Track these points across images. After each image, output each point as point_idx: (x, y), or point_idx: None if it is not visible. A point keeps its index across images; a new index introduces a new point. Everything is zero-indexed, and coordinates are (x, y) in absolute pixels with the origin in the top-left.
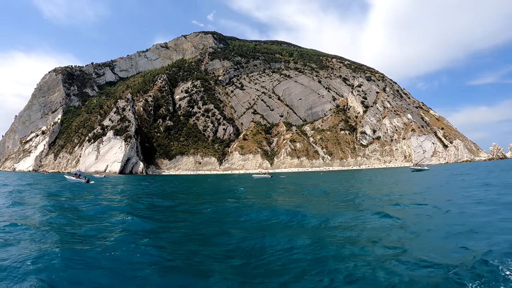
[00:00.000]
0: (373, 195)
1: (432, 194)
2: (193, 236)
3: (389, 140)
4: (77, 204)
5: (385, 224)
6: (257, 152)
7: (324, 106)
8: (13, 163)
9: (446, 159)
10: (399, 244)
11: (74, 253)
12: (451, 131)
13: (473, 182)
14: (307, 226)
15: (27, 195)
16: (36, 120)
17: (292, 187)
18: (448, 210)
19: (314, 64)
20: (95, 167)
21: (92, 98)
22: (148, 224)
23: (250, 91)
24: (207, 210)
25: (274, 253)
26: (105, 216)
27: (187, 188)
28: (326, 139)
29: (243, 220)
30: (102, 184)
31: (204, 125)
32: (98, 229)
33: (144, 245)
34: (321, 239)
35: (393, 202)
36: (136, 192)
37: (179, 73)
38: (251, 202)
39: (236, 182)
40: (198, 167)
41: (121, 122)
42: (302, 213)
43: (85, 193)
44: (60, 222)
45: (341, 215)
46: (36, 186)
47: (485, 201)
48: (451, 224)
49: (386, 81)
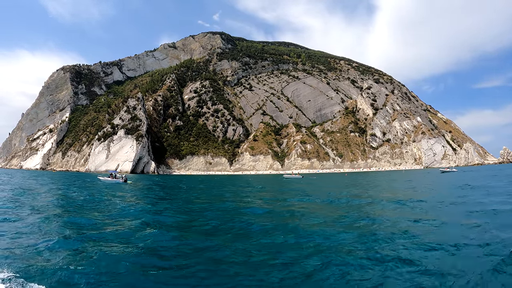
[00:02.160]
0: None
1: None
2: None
3: (399, 142)
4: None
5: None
6: (268, 153)
7: (333, 108)
8: (20, 160)
9: (456, 162)
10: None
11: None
12: (459, 134)
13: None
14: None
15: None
16: (43, 118)
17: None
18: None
19: (322, 66)
20: (106, 166)
21: (100, 97)
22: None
23: (258, 92)
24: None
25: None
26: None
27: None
28: (336, 141)
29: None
30: (140, 183)
31: (214, 125)
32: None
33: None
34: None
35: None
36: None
37: (188, 73)
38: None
39: (284, 186)
40: (209, 167)
41: (132, 121)
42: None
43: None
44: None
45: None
46: (89, 189)
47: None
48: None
49: (394, 83)
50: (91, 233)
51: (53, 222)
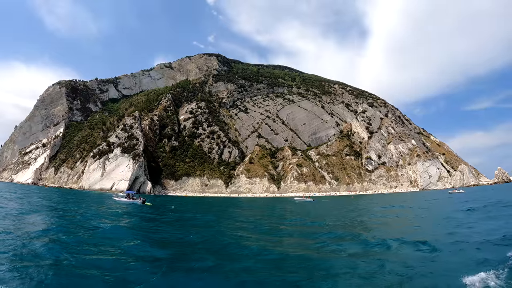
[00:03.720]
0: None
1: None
2: None
3: (394, 165)
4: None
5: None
6: (264, 176)
7: (328, 131)
8: (11, 174)
9: (452, 184)
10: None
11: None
12: (452, 156)
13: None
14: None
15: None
16: (37, 132)
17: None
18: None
19: (317, 90)
20: (100, 184)
21: (95, 113)
22: None
23: (254, 114)
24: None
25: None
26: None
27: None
28: (332, 164)
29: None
30: (162, 205)
31: (210, 147)
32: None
33: None
34: None
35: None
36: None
37: (184, 93)
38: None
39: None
40: (205, 189)
41: (129, 140)
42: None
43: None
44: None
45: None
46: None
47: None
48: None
49: (388, 107)
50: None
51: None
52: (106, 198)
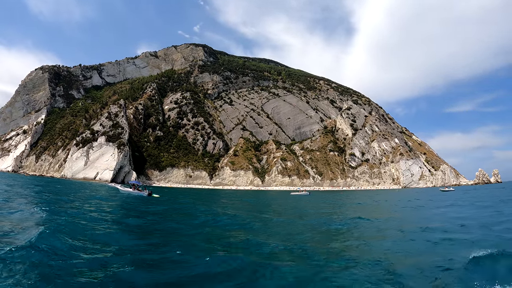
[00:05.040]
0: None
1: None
2: None
3: (377, 163)
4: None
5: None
6: (249, 168)
7: (312, 126)
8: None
9: (433, 183)
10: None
11: None
12: (433, 156)
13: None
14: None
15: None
16: (17, 118)
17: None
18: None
19: (302, 85)
20: (84, 173)
21: (78, 101)
22: None
23: (239, 107)
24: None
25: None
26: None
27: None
28: (316, 159)
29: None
30: (167, 197)
31: (194, 138)
32: None
33: None
34: None
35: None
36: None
37: (168, 83)
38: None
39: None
40: (189, 180)
41: (114, 128)
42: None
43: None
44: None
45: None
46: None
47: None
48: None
49: (372, 105)
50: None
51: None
52: (101, 189)
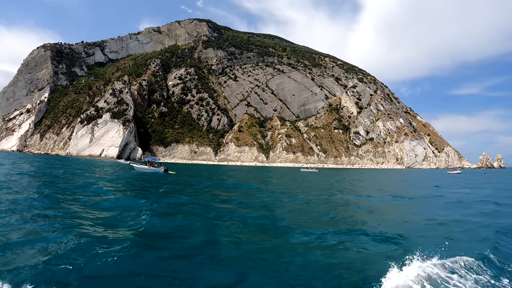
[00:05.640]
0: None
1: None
2: None
3: (382, 142)
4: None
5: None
6: (253, 144)
7: (316, 103)
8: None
9: (436, 164)
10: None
11: None
12: (437, 137)
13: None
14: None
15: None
16: (21, 97)
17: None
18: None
19: (307, 61)
20: (89, 150)
21: (81, 78)
22: None
23: (243, 83)
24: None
25: None
26: None
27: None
28: (320, 137)
29: None
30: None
31: (198, 113)
32: None
33: None
34: None
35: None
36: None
37: (172, 59)
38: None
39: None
40: (194, 156)
41: (118, 105)
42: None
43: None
44: None
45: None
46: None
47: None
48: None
49: (378, 84)
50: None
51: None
52: (114, 167)
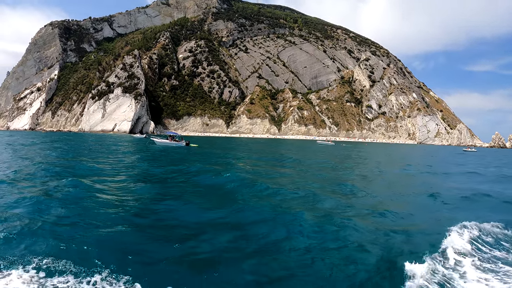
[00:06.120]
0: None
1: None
2: None
3: (394, 116)
4: None
5: None
6: (265, 117)
7: (328, 76)
8: (6, 121)
9: (449, 141)
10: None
11: None
12: (449, 114)
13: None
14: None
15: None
16: (30, 76)
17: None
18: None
19: (319, 33)
20: (102, 126)
21: (90, 54)
22: None
23: (254, 54)
24: None
25: None
26: None
27: None
28: (332, 110)
29: None
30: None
31: (210, 86)
32: None
33: None
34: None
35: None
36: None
37: (182, 31)
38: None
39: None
40: (206, 129)
41: (129, 79)
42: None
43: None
44: None
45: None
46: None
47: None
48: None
49: (391, 57)
50: None
51: None
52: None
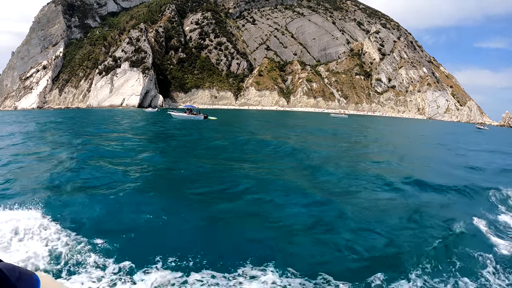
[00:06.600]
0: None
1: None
2: None
3: (404, 90)
4: None
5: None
6: (274, 89)
7: (338, 48)
8: (13, 101)
9: (458, 117)
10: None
11: None
12: (459, 90)
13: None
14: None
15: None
16: (35, 55)
17: None
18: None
19: (328, 4)
20: (110, 101)
21: (95, 29)
22: None
23: (262, 26)
24: None
25: None
26: None
27: None
28: (341, 82)
29: None
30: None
31: (217, 58)
32: None
33: None
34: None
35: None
36: None
37: (187, 3)
38: None
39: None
40: (214, 101)
41: (136, 53)
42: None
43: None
44: None
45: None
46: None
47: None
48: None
49: (401, 30)
50: None
51: None
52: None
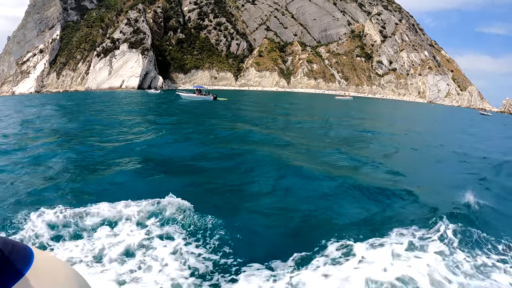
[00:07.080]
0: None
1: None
2: None
3: (405, 73)
4: None
5: None
6: (274, 69)
7: (338, 29)
8: (11, 86)
9: (458, 102)
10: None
11: None
12: (460, 75)
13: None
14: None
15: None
16: (32, 39)
17: None
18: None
19: None
20: (109, 83)
21: (91, 11)
22: None
23: (262, 6)
24: None
25: None
26: None
27: None
28: (342, 64)
29: None
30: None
31: (217, 39)
32: None
33: None
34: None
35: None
36: None
37: None
38: None
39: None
40: (214, 82)
41: (135, 34)
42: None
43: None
44: None
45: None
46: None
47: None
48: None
49: (403, 13)
50: None
51: None
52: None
